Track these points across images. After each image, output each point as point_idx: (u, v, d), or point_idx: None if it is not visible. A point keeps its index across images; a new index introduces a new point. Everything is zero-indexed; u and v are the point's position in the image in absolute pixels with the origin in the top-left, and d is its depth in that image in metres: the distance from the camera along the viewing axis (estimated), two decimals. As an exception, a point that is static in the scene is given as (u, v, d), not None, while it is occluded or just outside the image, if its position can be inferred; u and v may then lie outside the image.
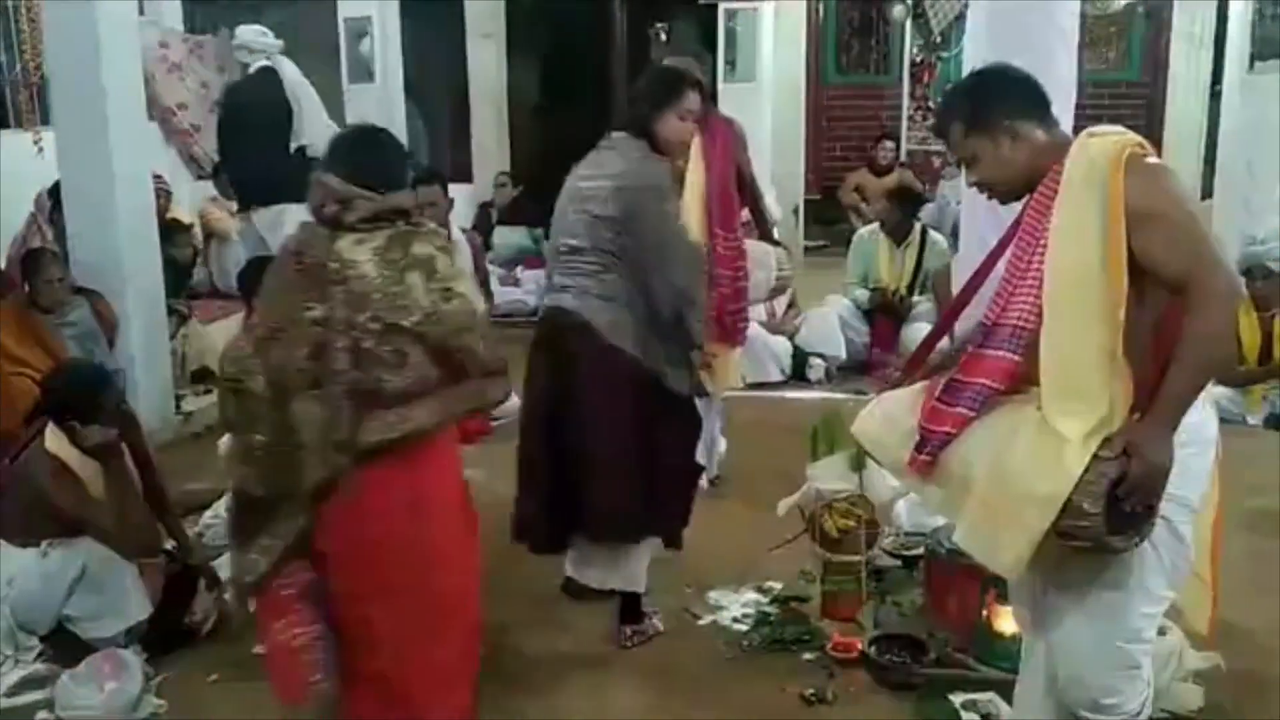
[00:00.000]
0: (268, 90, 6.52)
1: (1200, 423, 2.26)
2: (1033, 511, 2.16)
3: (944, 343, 2.73)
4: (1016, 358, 2.27)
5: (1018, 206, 3.29)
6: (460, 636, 2.69)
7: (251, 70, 6.63)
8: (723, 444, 4.85)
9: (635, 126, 3.38)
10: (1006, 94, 2.37)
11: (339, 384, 2.39)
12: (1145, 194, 2.15)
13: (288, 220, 6.24)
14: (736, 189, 4.51)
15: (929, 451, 2.35)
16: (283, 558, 2.45)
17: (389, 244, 2.45)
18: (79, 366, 4.02)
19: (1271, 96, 7.43)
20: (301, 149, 6.49)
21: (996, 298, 2.34)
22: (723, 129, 4.49)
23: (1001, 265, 2.40)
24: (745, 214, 4.80)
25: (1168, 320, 2.18)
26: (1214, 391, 2.39)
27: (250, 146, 6.50)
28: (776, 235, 6.66)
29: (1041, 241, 2.25)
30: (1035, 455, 2.18)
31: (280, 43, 6.68)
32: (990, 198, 2.46)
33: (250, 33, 6.68)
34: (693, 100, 3.37)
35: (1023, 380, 2.28)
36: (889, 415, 2.51)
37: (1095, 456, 2.13)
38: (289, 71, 6.63)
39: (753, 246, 4.57)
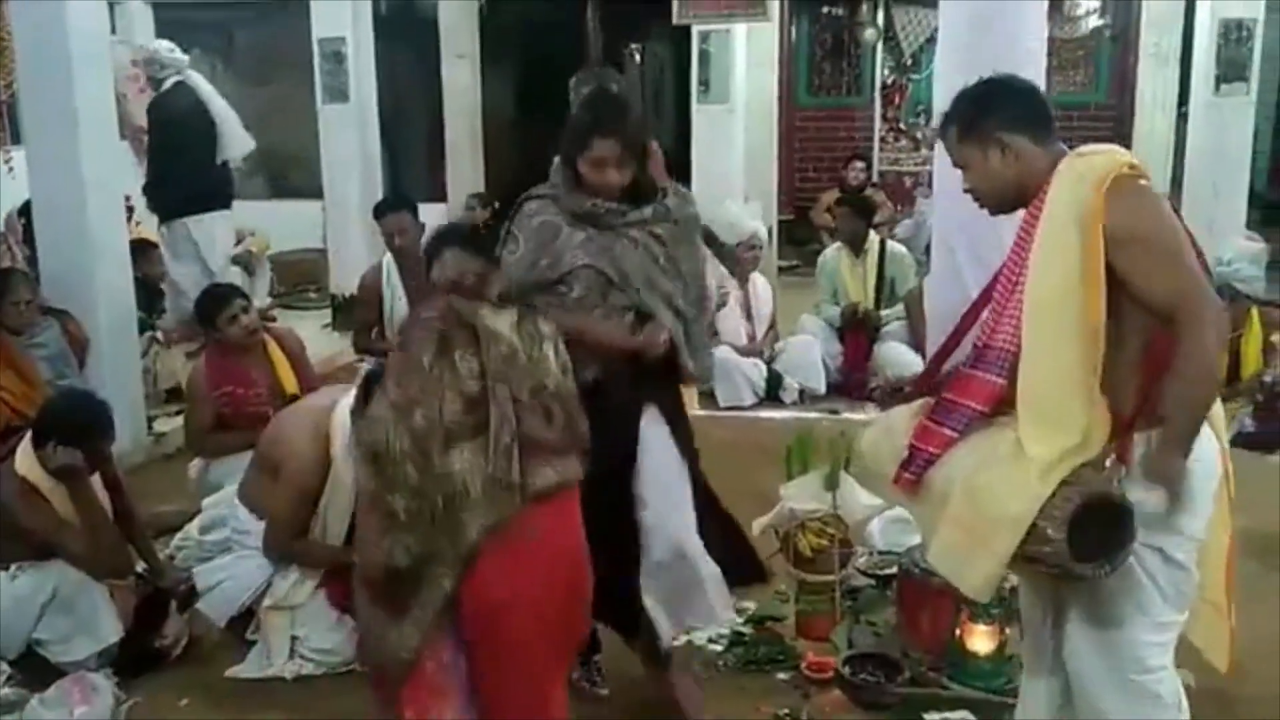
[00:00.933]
0: (190, 104, 6.77)
1: (1199, 453, 2.20)
2: (1000, 534, 2.16)
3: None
4: (1001, 381, 2.26)
5: (994, 224, 3.31)
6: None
7: (166, 85, 6.83)
8: None
9: None
10: (1004, 106, 2.34)
11: (508, 428, 2.45)
12: (1127, 217, 2.12)
13: (217, 226, 6.85)
14: None
15: (914, 470, 2.34)
16: (431, 626, 2.48)
17: (520, 319, 2.61)
18: (91, 399, 3.90)
19: (1237, 118, 7.55)
20: (224, 161, 6.89)
21: (988, 319, 2.33)
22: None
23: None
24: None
25: (1153, 349, 2.14)
26: (1214, 415, 2.30)
27: (182, 158, 6.76)
28: (760, 256, 6.71)
29: (1027, 262, 2.23)
30: (1007, 478, 2.18)
31: (187, 58, 6.94)
32: (981, 206, 2.43)
33: (163, 48, 6.91)
34: (602, 148, 2.94)
35: (1009, 402, 2.26)
36: (890, 431, 2.49)
37: (1063, 483, 2.11)
38: (202, 85, 6.89)
39: None
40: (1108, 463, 2.18)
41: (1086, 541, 2.11)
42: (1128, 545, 2.15)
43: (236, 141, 6.91)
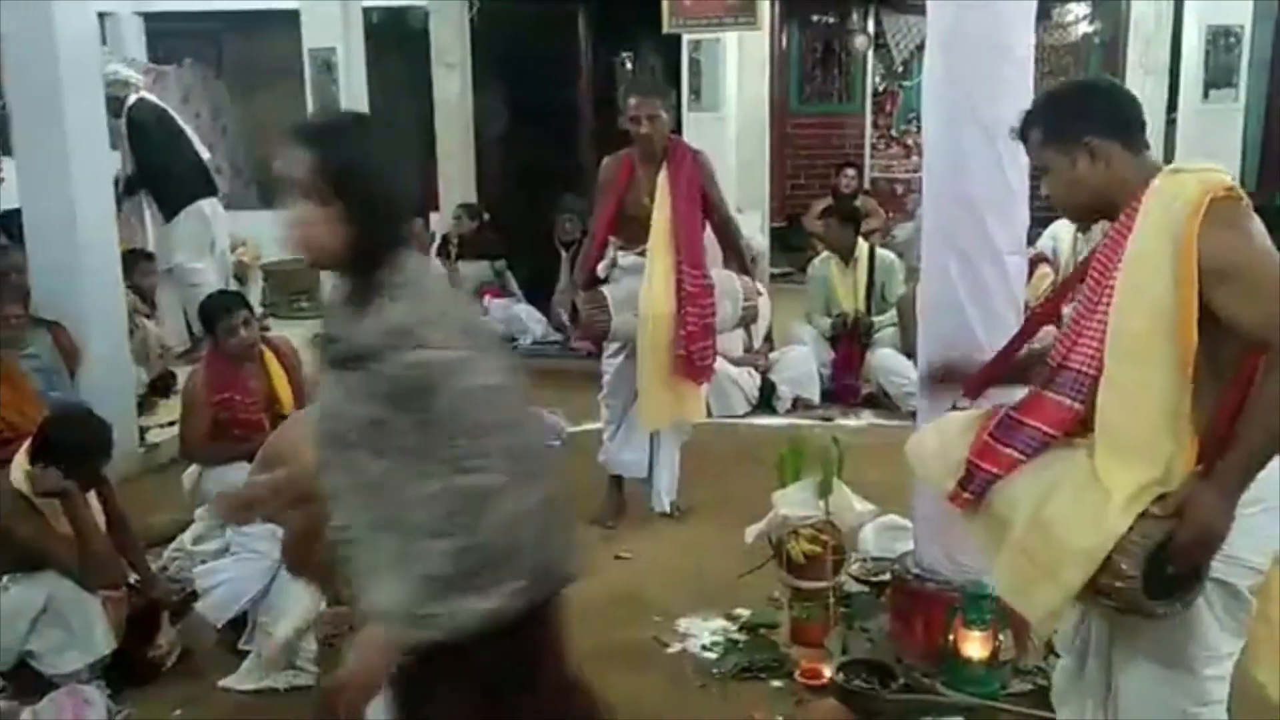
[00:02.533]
0: (161, 111, 7.49)
1: (1265, 474, 2.05)
2: (1070, 565, 2.05)
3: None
4: (1078, 406, 2.14)
5: (983, 228, 3.28)
6: None
7: (132, 101, 7.31)
8: (665, 479, 4.83)
9: None
10: (1094, 110, 2.19)
11: None
12: (1224, 246, 1.97)
13: (218, 208, 7.69)
14: (707, 220, 4.54)
15: (973, 489, 2.24)
16: None
17: None
18: (91, 418, 3.88)
19: (1226, 124, 7.58)
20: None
21: (1063, 338, 2.21)
22: (688, 159, 4.51)
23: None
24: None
25: (1244, 373, 2.02)
26: None
27: (178, 154, 7.40)
28: (757, 264, 6.76)
29: (1111, 282, 2.10)
30: (1079, 507, 2.07)
31: (143, 77, 7.85)
32: (1063, 215, 2.34)
33: (127, 70, 7.56)
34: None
35: (1081, 425, 2.15)
36: (944, 440, 2.37)
37: (1142, 515, 2.00)
38: (155, 99, 7.65)
39: (719, 276, 4.58)
40: None
41: (1159, 577, 1.99)
42: (1203, 582, 2.06)
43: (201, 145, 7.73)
